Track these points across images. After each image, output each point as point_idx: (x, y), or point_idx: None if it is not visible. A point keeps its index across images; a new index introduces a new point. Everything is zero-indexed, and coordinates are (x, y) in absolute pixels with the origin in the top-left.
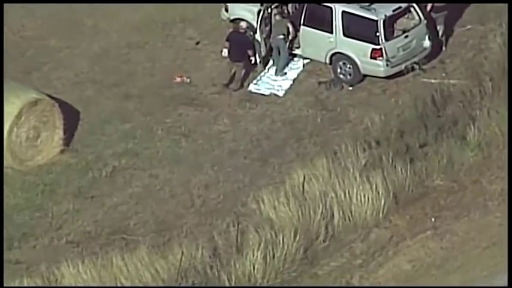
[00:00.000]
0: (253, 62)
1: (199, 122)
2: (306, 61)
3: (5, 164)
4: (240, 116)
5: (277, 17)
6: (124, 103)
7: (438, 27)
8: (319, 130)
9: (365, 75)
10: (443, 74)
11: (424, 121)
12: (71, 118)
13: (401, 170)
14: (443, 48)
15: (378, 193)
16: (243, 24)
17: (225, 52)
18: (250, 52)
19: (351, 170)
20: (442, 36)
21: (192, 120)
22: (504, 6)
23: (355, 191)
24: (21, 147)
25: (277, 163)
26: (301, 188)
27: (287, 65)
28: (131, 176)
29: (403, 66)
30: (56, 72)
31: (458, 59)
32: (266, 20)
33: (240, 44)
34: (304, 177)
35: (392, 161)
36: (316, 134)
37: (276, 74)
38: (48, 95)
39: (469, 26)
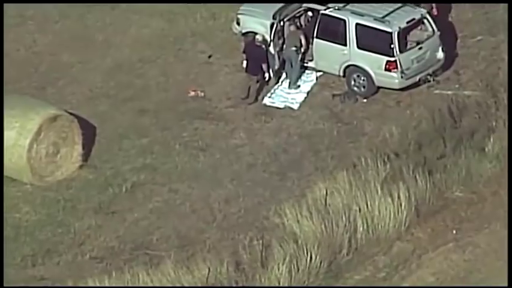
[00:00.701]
0: (266, 78)
1: (216, 136)
2: (319, 74)
3: (25, 180)
4: (256, 129)
5: (290, 29)
6: (139, 118)
7: None
8: (336, 143)
9: (379, 87)
10: (457, 86)
11: (442, 133)
12: (87, 133)
13: (421, 182)
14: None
15: (400, 206)
16: (259, 37)
17: (245, 64)
18: (264, 67)
19: (372, 182)
20: None
21: (209, 134)
22: None
23: (376, 204)
24: (41, 163)
25: (296, 177)
26: (323, 202)
27: (300, 77)
28: (151, 191)
29: (417, 78)
30: (70, 87)
31: (471, 70)
32: (279, 33)
33: (256, 57)
34: (327, 191)
35: (412, 173)
36: (333, 147)
37: (289, 86)
38: (65, 111)
39: (479, 37)
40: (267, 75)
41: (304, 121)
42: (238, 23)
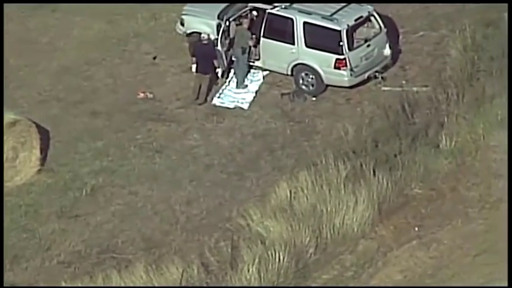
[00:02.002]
0: (219, 74)
1: (170, 138)
2: (265, 73)
3: None
4: (209, 130)
5: (237, 28)
6: (92, 121)
7: None
8: (290, 142)
9: (328, 85)
10: (404, 82)
11: (396, 130)
12: (42, 137)
13: (381, 179)
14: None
15: (362, 204)
16: (205, 35)
17: (194, 68)
18: (216, 63)
19: (334, 181)
20: None
21: (162, 135)
22: (455, 12)
23: (340, 202)
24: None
25: (254, 177)
26: (287, 202)
27: (246, 76)
28: (111, 194)
29: (366, 76)
30: (20, 91)
31: (416, 66)
32: (226, 33)
33: (205, 55)
34: (291, 191)
35: (373, 171)
36: (288, 146)
37: (237, 86)
38: None
39: (421, 33)
40: (219, 70)
41: (256, 120)
42: (182, 24)
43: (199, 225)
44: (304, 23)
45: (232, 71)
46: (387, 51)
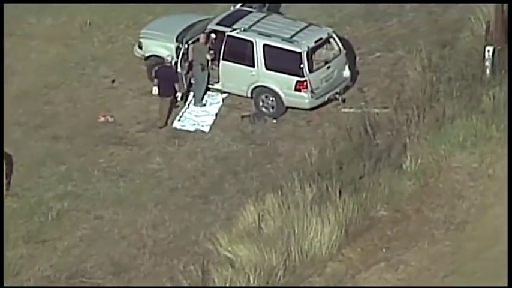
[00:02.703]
0: (179, 96)
1: (133, 161)
2: (224, 95)
3: None
4: (171, 153)
5: (194, 46)
6: (54, 145)
7: None
8: (253, 165)
9: (288, 108)
10: (363, 103)
11: (360, 151)
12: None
13: (347, 202)
14: None
15: (329, 226)
16: (168, 58)
17: (155, 90)
18: (177, 86)
19: (301, 204)
20: None
21: (125, 159)
22: (409, 33)
23: (307, 225)
24: None
25: (219, 200)
26: (255, 225)
27: (205, 94)
28: (77, 219)
29: (326, 97)
30: None
31: (375, 87)
32: (185, 56)
33: (168, 78)
34: (259, 215)
35: (338, 193)
36: (251, 169)
37: (194, 104)
38: None
39: (378, 54)
40: (179, 94)
41: (217, 143)
42: (140, 47)
43: (167, 248)
44: (264, 45)
45: (191, 93)
46: (347, 72)
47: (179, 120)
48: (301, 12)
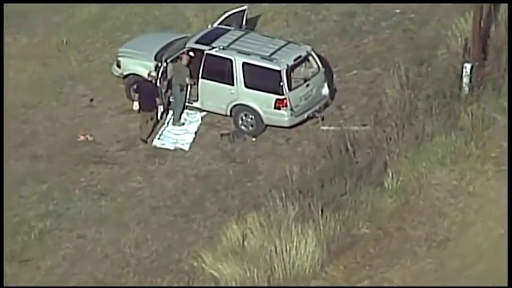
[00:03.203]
0: (160, 111)
1: (113, 180)
2: (203, 113)
3: None
4: (152, 172)
5: (174, 65)
6: (34, 164)
7: None
8: (234, 183)
9: (267, 126)
10: (342, 121)
11: (341, 169)
12: None
13: (329, 220)
14: None
15: (312, 244)
16: (153, 73)
17: (136, 105)
18: (158, 101)
19: (284, 222)
20: None
21: (105, 178)
22: (385, 51)
23: (290, 243)
24: None
25: (200, 218)
26: (237, 243)
27: (182, 113)
28: (59, 238)
29: (305, 115)
30: None
31: (352, 105)
32: (164, 75)
33: (149, 92)
34: (244, 233)
35: (321, 211)
36: (231, 187)
37: (173, 123)
38: None
39: (355, 71)
40: (160, 108)
41: (197, 162)
42: (118, 66)
43: (151, 267)
44: (243, 63)
45: (170, 112)
46: (326, 90)
47: (159, 139)
48: (277, 30)
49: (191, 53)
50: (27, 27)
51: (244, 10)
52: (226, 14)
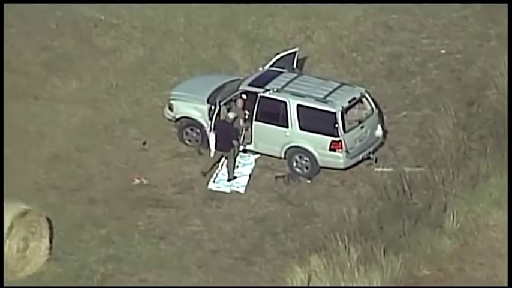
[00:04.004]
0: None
1: (171, 223)
2: (256, 156)
3: None
4: (209, 215)
5: (229, 114)
6: (91, 208)
7: None
8: (292, 225)
9: (321, 168)
10: (395, 162)
11: (399, 211)
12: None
13: (391, 261)
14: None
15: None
16: (231, 114)
17: (212, 145)
18: (235, 143)
19: (347, 264)
20: None
21: (163, 221)
22: (434, 91)
23: (354, 286)
24: (12, 259)
25: (261, 261)
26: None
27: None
28: (121, 282)
29: (360, 157)
30: (15, 180)
31: (405, 146)
32: (218, 117)
33: (226, 132)
34: (309, 276)
35: (383, 253)
36: (290, 230)
37: (227, 166)
38: None
39: (404, 113)
40: (236, 150)
41: (254, 205)
42: (171, 109)
43: None
44: (298, 105)
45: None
46: (379, 132)
47: (214, 182)
48: (324, 72)
49: (244, 96)
50: (75, 71)
51: (295, 52)
52: (277, 56)
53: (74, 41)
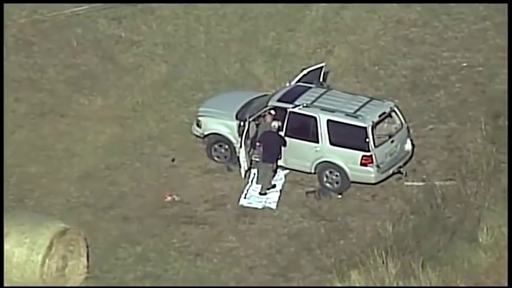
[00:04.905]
0: (242, 174)
1: (206, 240)
2: (286, 171)
3: None
4: (243, 231)
5: (260, 129)
6: (125, 226)
7: None
8: (326, 241)
9: (352, 183)
10: (424, 176)
11: (433, 225)
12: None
13: (429, 276)
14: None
15: None
16: (275, 124)
17: (260, 156)
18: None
19: (386, 280)
20: None
21: (198, 238)
22: (458, 104)
23: None
24: (52, 278)
25: (298, 277)
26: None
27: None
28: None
29: (390, 171)
30: (47, 198)
31: (434, 160)
32: (247, 133)
33: (274, 144)
34: None
35: (422, 267)
36: (325, 245)
37: (256, 182)
38: None
39: (431, 126)
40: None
41: (287, 220)
42: (198, 125)
43: None
44: (328, 120)
45: (253, 170)
46: (409, 146)
47: (245, 198)
48: (348, 86)
49: (272, 112)
50: (99, 88)
51: (321, 67)
52: (304, 72)
53: (97, 58)
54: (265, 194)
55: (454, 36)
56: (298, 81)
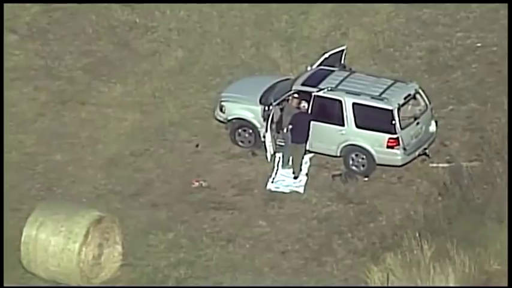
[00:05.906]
0: (268, 158)
1: (236, 225)
2: (311, 155)
3: (73, 283)
4: (273, 216)
5: (285, 112)
6: (154, 212)
7: None
8: (356, 224)
9: (378, 165)
10: (448, 157)
11: (463, 206)
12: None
13: (463, 257)
14: None
15: (452, 283)
16: (305, 104)
17: (289, 135)
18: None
19: (422, 262)
20: None
21: (228, 224)
22: (476, 85)
23: (431, 283)
24: (88, 266)
25: (332, 261)
26: (382, 284)
27: (290, 158)
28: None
29: (416, 153)
30: (75, 186)
31: (456, 141)
32: (273, 117)
33: (304, 125)
34: (388, 275)
35: (456, 249)
36: (355, 229)
37: (282, 166)
38: None
39: (450, 107)
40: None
41: (316, 204)
42: (222, 110)
43: None
44: (354, 104)
45: (278, 154)
46: (433, 127)
47: (272, 182)
48: (365, 68)
49: (296, 95)
50: (118, 75)
51: (342, 50)
52: (326, 55)
53: (112, 45)
54: (298, 177)
55: (466, 17)
56: (319, 64)
